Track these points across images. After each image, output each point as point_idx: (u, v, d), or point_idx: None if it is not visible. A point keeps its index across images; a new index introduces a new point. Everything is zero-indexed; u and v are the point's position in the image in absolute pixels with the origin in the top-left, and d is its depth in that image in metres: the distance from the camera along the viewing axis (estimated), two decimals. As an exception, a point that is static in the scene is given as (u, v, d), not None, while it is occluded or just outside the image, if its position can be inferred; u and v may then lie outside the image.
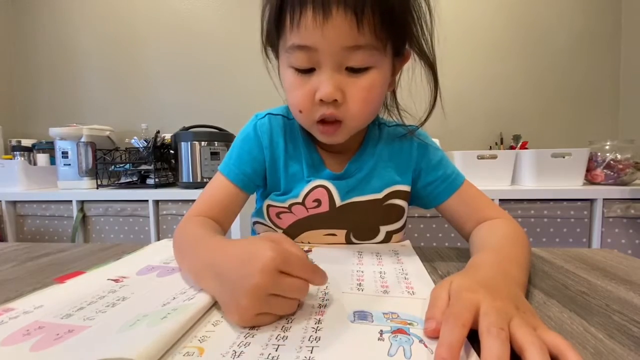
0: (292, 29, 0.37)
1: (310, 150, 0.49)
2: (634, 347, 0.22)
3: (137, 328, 0.23)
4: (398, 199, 0.51)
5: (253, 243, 0.27)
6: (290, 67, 0.40)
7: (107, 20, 1.78)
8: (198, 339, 0.23)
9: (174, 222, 1.36)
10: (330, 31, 0.35)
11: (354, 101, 0.39)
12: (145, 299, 0.29)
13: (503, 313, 0.22)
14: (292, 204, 0.49)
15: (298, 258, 0.26)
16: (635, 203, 1.12)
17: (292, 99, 0.41)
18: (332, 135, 0.42)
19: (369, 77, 0.39)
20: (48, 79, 1.84)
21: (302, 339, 0.23)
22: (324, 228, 0.51)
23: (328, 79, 0.37)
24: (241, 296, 0.24)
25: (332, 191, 0.48)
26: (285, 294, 0.25)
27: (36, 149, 1.64)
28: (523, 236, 0.40)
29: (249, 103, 1.71)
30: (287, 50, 0.39)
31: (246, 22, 1.69)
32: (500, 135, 1.51)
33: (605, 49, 1.54)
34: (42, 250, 0.49)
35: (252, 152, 0.49)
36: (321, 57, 0.37)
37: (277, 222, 0.52)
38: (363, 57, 0.37)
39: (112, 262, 0.41)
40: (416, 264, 0.39)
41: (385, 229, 0.52)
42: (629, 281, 0.34)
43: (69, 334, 0.23)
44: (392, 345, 0.22)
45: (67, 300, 0.29)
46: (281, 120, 0.50)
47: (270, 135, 0.49)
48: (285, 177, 0.50)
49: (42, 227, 1.45)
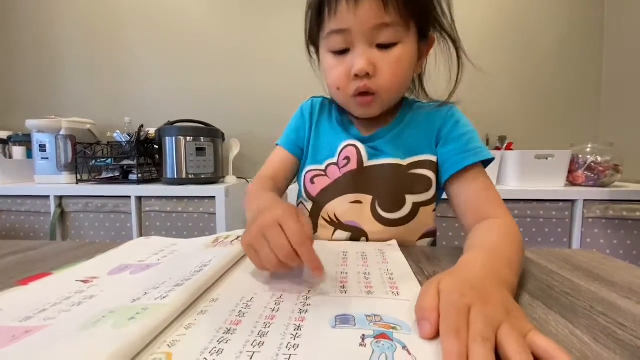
0: (329, 18, 0.45)
1: (342, 116, 0.58)
2: (620, 351, 0.22)
3: (102, 327, 0.21)
4: (423, 169, 0.51)
5: (279, 205, 0.36)
6: (329, 52, 0.47)
7: (89, 9, 1.72)
8: (167, 344, 0.21)
9: (158, 219, 1.32)
10: (360, 13, 0.43)
11: (384, 73, 0.45)
12: (114, 296, 0.27)
13: (491, 320, 0.22)
14: (329, 164, 0.55)
15: (295, 224, 0.31)
16: (614, 204, 1.15)
17: (331, 78, 0.48)
18: (368, 107, 0.49)
19: (396, 52, 0.45)
20: (25, 69, 1.76)
21: (279, 346, 0.21)
22: (351, 192, 0.53)
23: (361, 54, 0.44)
24: (251, 225, 0.33)
25: (360, 150, 0.53)
26: (271, 243, 0.31)
27: (12, 141, 1.57)
28: (519, 238, 0.39)
29: (236, 98, 1.68)
30: (325, 37, 0.47)
31: (234, 15, 1.66)
32: (487, 137, 1.53)
33: (588, 54, 1.58)
34: (10, 248, 0.46)
35: (297, 124, 0.61)
36: (354, 37, 0.44)
37: (309, 189, 0.56)
38: (390, 33, 0.44)
39: (82, 262, 0.38)
40: (401, 263, 0.39)
41: (412, 199, 0.51)
42: (612, 282, 0.34)
43: (25, 334, 0.21)
44: (374, 352, 0.21)
45: (29, 303, 0.27)
46: (322, 99, 0.61)
47: (311, 110, 0.60)
48: (317, 139, 0.58)
49: (17, 224, 1.39)
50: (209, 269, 0.32)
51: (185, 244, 0.47)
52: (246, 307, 0.27)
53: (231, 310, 0.26)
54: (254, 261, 0.33)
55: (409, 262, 0.40)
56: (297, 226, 0.31)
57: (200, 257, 0.37)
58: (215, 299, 0.28)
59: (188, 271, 0.32)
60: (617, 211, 1.15)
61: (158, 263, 0.38)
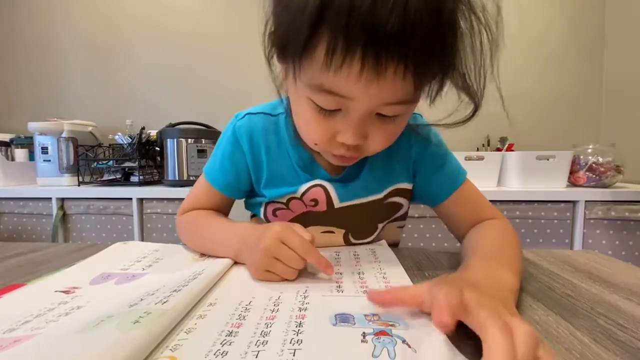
0: (326, 71, 0.29)
1: (298, 149, 0.45)
2: (620, 352, 0.22)
3: (105, 328, 0.21)
4: (399, 197, 0.49)
5: (271, 224, 0.36)
6: (311, 101, 0.33)
7: (91, 12, 1.72)
8: (170, 349, 0.21)
9: (159, 221, 1.33)
10: (376, 89, 0.29)
11: (376, 143, 0.36)
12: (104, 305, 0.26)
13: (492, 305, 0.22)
14: (290, 198, 0.46)
15: (297, 237, 0.34)
16: (615, 205, 1.15)
17: (308, 133, 0.38)
18: (348, 163, 0.40)
19: (397, 122, 0.35)
20: (27, 72, 1.77)
21: (283, 342, 0.22)
22: (322, 225, 0.48)
23: (355, 127, 0.33)
24: (255, 255, 0.34)
25: (330, 192, 0.45)
26: (284, 260, 0.33)
27: (14, 144, 1.58)
28: (515, 239, 0.39)
29: (236, 100, 1.68)
30: (310, 86, 0.32)
31: (234, 17, 1.66)
32: (488, 137, 1.53)
33: (589, 55, 1.58)
34: (12, 250, 0.46)
35: (233, 159, 0.47)
36: (352, 106, 0.32)
37: (274, 220, 0.48)
38: (400, 109, 0.33)
39: (58, 271, 0.36)
40: (393, 262, 0.39)
41: (382, 224, 0.50)
42: (612, 284, 0.34)
43: (14, 343, 0.21)
44: (376, 347, 0.21)
45: (7, 316, 0.25)
46: (262, 118, 0.46)
47: (250, 137, 0.46)
48: (270, 181, 0.47)
49: (19, 225, 1.39)
50: (205, 275, 0.32)
51: (168, 251, 0.45)
52: (246, 310, 0.27)
53: (231, 314, 0.26)
54: (272, 280, 0.34)
55: (409, 263, 0.40)
56: (298, 238, 0.34)
57: (192, 268, 0.36)
58: (213, 304, 0.28)
59: (182, 279, 0.32)
60: (619, 212, 1.15)
61: (144, 273, 0.37)
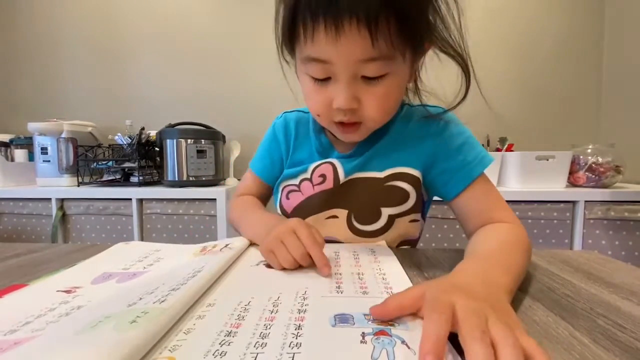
0: (305, 42, 0.37)
1: (319, 136, 0.53)
2: (619, 353, 0.22)
3: (102, 329, 0.21)
4: (401, 182, 0.48)
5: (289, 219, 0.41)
6: (307, 75, 0.41)
7: (91, 12, 1.73)
8: (168, 349, 0.21)
9: (159, 221, 1.33)
10: (343, 47, 0.35)
11: (370, 107, 0.40)
12: (105, 305, 0.26)
13: (480, 314, 0.22)
14: (302, 179, 0.53)
15: (308, 231, 0.37)
16: (615, 205, 1.15)
17: (310, 105, 0.44)
18: (352, 135, 0.45)
19: (384, 84, 0.39)
20: (27, 72, 1.77)
21: (282, 345, 0.22)
22: (327, 208, 0.51)
23: (343, 89, 0.39)
24: (268, 235, 0.39)
25: (337, 167, 0.50)
26: (288, 245, 0.36)
27: (14, 144, 1.58)
28: (524, 244, 0.38)
29: (236, 101, 1.69)
30: (302, 60, 0.40)
31: (234, 18, 1.66)
32: (487, 138, 1.53)
33: (588, 55, 1.58)
34: (12, 250, 0.46)
35: (270, 149, 0.57)
36: (336, 69, 0.38)
37: (285, 204, 0.55)
38: (378, 67, 0.37)
39: (59, 271, 0.37)
40: (393, 262, 0.39)
41: (387, 211, 0.49)
42: (612, 284, 0.34)
43: (14, 346, 0.21)
44: (375, 348, 0.21)
45: (8, 317, 0.25)
46: (296, 114, 0.56)
47: (284, 130, 0.56)
48: (294, 156, 0.54)
49: (19, 226, 1.39)
50: (204, 273, 0.32)
51: (170, 251, 0.45)
52: (245, 311, 0.27)
53: (230, 314, 0.26)
54: (272, 263, 0.37)
55: (409, 263, 0.40)
56: (309, 232, 0.37)
57: (192, 265, 0.36)
58: (212, 304, 0.28)
59: (181, 277, 0.31)
60: (619, 212, 1.15)
61: (145, 271, 0.37)
